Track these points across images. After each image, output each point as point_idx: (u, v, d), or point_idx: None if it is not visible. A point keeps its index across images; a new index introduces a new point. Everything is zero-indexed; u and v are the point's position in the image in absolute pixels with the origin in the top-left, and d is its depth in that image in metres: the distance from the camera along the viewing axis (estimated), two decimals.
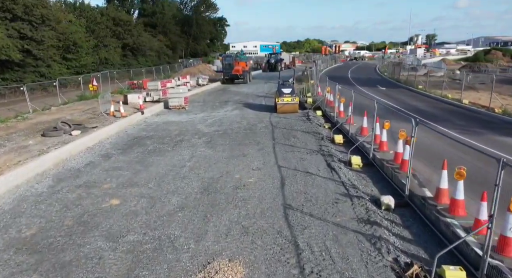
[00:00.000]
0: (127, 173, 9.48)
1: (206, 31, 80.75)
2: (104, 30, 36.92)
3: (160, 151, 11.63)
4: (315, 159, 10.25)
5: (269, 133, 13.74)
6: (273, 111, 18.45)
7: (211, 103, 22.24)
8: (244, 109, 19.59)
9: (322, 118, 16.45)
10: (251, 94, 26.03)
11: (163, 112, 19.39)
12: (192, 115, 18.14)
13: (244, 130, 14.32)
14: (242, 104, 21.38)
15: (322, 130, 13.97)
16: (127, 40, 41.46)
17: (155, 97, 21.76)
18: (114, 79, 30.46)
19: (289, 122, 15.62)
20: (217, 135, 13.57)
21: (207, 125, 15.60)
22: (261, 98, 24.03)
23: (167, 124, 16.08)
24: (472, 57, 72.65)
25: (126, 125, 15.49)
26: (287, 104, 17.80)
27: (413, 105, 19.45)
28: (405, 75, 37.74)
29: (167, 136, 13.63)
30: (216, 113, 18.52)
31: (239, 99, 23.62)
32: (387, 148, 10.32)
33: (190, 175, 9.22)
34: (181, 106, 20.02)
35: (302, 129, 14.14)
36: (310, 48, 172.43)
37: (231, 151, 11.35)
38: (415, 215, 6.79)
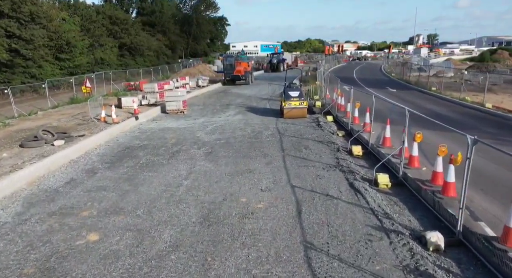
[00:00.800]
0: (113, 194, 8.00)
1: (206, 30, 79.38)
2: (99, 29, 35.44)
3: (153, 164, 10.15)
4: (334, 176, 8.76)
5: (277, 142, 12.25)
6: (279, 116, 16.98)
7: (211, 107, 20.76)
8: (248, 114, 18.11)
9: (334, 125, 14.96)
10: (254, 97, 24.54)
11: (160, 117, 17.90)
12: (191, 121, 16.66)
13: (248, 139, 12.84)
14: (245, 108, 19.89)
15: (336, 139, 12.48)
16: (124, 39, 39.98)
17: (151, 101, 20.28)
18: (109, 80, 29.01)
19: (298, 130, 14.13)
20: (219, 145, 12.08)
21: (207, 132, 14.12)
22: (265, 101, 22.55)
23: (163, 131, 14.60)
24: (477, 57, 71.23)
25: (118, 133, 14.01)
26: (294, 108, 16.32)
27: (431, 109, 17.96)
28: (413, 76, 36.31)
29: (162, 146, 12.15)
30: (217, 119, 17.04)
31: (241, 103, 22.13)
32: (419, 163, 8.84)
33: (187, 197, 7.74)
34: (179, 110, 18.54)
35: (314, 138, 12.66)
36: (311, 48, 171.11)
37: (235, 165, 9.87)
38: (475, 260, 5.30)
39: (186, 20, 78.75)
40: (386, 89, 27.11)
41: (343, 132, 13.35)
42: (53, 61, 28.29)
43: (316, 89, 23.76)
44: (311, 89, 23.13)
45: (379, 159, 10.00)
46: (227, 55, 34.72)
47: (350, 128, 13.45)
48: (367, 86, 28.62)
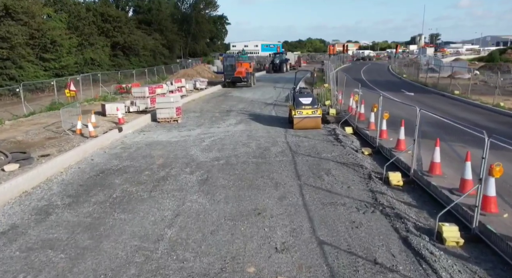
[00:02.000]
0: (62, 257, 5.54)
1: (206, 29, 76.99)
2: (89, 27, 32.95)
3: (130, 199, 7.69)
4: (376, 224, 6.30)
5: (289, 164, 9.80)
6: (287, 126, 14.55)
7: (210, 114, 18.28)
8: (251, 123, 15.65)
9: (356, 139, 12.48)
10: (258, 102, 22.07)
11: (149, 127, 15.42)
12: (185, 132, 14.20)
13: (254, 159, 10.38)
14: (247, 116, 17.43)
15: (363, 160, 10.02)
16: (117, 38, 37.46)
17: (141, 107, 17.82)
18: (99, 82, 26.55)
19: (313, 145, 11.67)
20: (217, 168, 9.63)
21: (203, 149, 11.66)
22: (270, 107, 20.08)
23: (150, 146, 12.13)
24: (486, 57, 68.85)
25: (94, 150, 11.54)
26: (307, 118, 13.86)
27: (464, 118, 15.47)
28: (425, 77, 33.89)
29: (146, 169, 9.70)
30: (215, 129, 14.58)
31: (243, 109, 19.66)
32: (496, 206, 6.37)
33: (167, 264, 5.28)
34: (172, 119, 16.09)
35: (335, 158, 10.20)
36: (312, 48, 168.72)
37: (237, 201, 7.42)
38: None
39: (184, 18, 76.33)
40: (402, 93, 24.64)
41: (369, 150, 10.87)
42: (36, 62, 25.83)
43: (326, 93, 21.31)
44: (322, 93, 20.66)
45: (426, 191, 7.56)
46: (228, 55, 32.23)
47: (377, 145, 10.98)
48: (381, 89, 26.12)
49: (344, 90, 23.22)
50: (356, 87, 21.25)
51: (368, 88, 26.82)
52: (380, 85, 29.02)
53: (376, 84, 30.48)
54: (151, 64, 43.95)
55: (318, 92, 22.72)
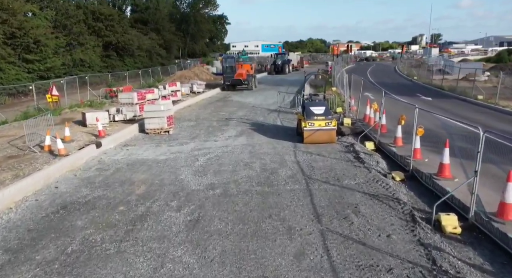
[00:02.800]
0: None
1: (205, 29, 74.94)
2: (79, 26, 30.80)
3: (89, 257, 5.59)
4: None
5: (303, 195, 7.70)
6: (296, 139, 12.47)
7: (206, 123, 16.16)
8: (254, 135, 13.54)
9: (380, 158, 10.34)
10: (260, 108, 19.96)
11: (135, 140, 13.30)
12: (177, 147, 12.09)
13: (258, 187, 8.28)
14: (249, 125, 15.33)
15: (397, 189, 7.91)
16: (110, 37, 35.31)
17: (128, 115, 15.74)
18: (87, 85, 24.46)
19: (330, 167, 9.56)
20: (212, 202, 7.54)
21: (196, 171, 9.56)
22: (274, 114, 17.97)
23: (132, 167, 10.03)
24: (494, 58, 66.80)
25: (62, 173, 9.43)
26: (319, 130, 11.77)
27: (504, 130, 13.32)
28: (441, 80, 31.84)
29: (121, 203, 7.60)
30: (212, 143, 12.47)
31: (244, 116, 17.55)
32: None
33: None
34: (162, 129, 13.98)
35: (361, 187, 8.09)
36: (312, 48, 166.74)
37: (237, 262, 5.32)
38: None
39: (183, 18, 74.33)
40: (418, 97, 22.52)
41: (401, 175, 8.74)
42: (18, 63, 23.73)
43: (337, 98, 19.20)
44: (331, 99, 18.54)
45: (498, 244, 5.47)
46: (227, 56, 30.11)
47: (411, 168, 8.85)
48: (394, 93, 24.01)
49: (353, 94, 21.19)
50: (367, 90, 19.27)
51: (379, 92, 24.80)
52: (392, 89, 26.87)
53: (386, 87, 28.26)
54: (147, 65, 41.85)
55: (327, 98, 20.66)
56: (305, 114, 12.05)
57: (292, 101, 20.64)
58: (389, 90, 25.59)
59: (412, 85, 31.13)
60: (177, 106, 19.83)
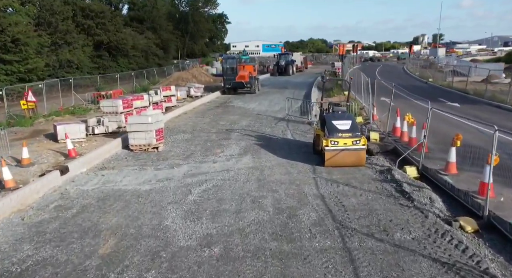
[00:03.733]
0: None
1: (204, 29, 72.51)
2: (65, 23, 28.28)
3: None
4: None
5: (340, 262, 5.28)
6: (313, 159, 10.09)
7: (204, 136, 13.69)
8: (261, 153, 11.08)
9: (430, 190, 7.85)
10: (266, 116, 17.50)
11: (115, 162, 10.82)
12: (165, 171, 9.63)
13: (273, 242, 5.85)
14: (254, 139, 12.87)
15: (477, 252, 5.45)
16: (101, 36, 32.79)
17: (111, 127, 13.30)
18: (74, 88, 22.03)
19: (368, 207, 7.09)
20: (206, 272, 5.09)
21: (187, 211, 7.11)
22: (283, 123, 15.52)
23: (103, 205, 7.57)
24: (504, 58, 64.37)
25: (4, 216, 6.96)
26: (345, 151, 9.32)
27: None
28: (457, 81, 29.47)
29: (72, 274, 5.15)
30: (210, 165, 10.01)
31: (248, 127, 15.09)
32: None
33: None
34: (150, 146, 11.53)
35: (424, 249, 5.62)
36: (313, 48, 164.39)
37: None
38: None
39: (182, 17, 71.91)
40: (442, 102, 20.05)
41: (473, 223, 6.26)
42: None
43: (356, 106, 16.73)
44: (353, 106, 16.06)
45: None
46: (228, 57, 27.62)
47: (488, 213, 6.38)
48: (412, 97, 21.59)
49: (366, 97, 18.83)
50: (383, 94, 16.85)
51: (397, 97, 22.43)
52: (408, 92, 24.40)
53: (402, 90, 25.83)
54: (143, 66, 39.41)
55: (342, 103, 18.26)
56: (326, 130, 9.60)
57: (301, 108, 18.15)
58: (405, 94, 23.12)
59: (429, 88, 28.65)
60: (171, 114, 17.38)
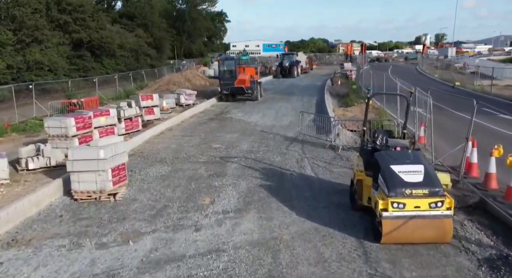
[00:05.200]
0: None
1: (202, 27, 68.55)
2: (34, 17, 24.31)
3: None
4: None
5: None
6: (355, 221, 6.20)
7: (188, 170, 9.74)
8: (272, 210, 7.16)
9: None
10: (273, 134, 13.60)
11: (39, 226, 6.84)
12: (112, 253, 5.72)
13: None
14: (260, 177, 8.98)
15: None
16: (80, 34, 28.79)
17: (55, 158, 9.38)
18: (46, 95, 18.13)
19: None
20: None
21: None
22: (297, 148, 11.60)
23: None
24: None
25: None
26: (418, 219, 5.45)
27: None
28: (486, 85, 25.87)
29: None
30: (188, 239, 6.09)
31: (251, 152, 11.17)
32: None
33: None
34: (102, 192, 7.62)
35: None
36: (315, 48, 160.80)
37: None
38: None
39: (179, 15, 67.97)
40: (491, 115, 16.15)
41: None
42: None
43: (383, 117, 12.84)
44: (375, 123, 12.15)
45: None
46: (226, 57, 23.64)
47: None
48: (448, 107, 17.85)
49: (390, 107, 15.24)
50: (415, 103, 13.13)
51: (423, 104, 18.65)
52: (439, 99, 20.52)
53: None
54: (132, 68, 35.52)
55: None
56: (383, 182, 5.73)
57: (316, 121, 14.14)
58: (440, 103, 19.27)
59: (458, 92, 24.73)
60: (150, 132, 13.46)
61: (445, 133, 12.33)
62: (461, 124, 14.14)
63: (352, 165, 9.77)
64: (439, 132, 11.29)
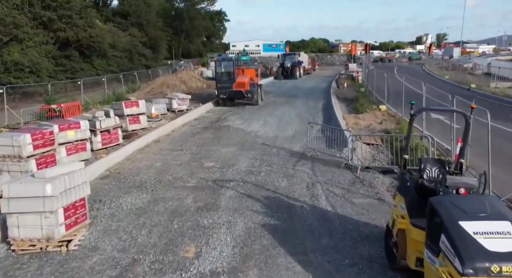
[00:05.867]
0: None
1: (201, 26, 66.58)
2: (13, 14, 22.26)
3: None
4: None
5: None
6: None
7: (172, 201, 7.77)
8: (280, 270, 5.19)
9: None
10: (276, 148, 11.61)
11: None
12: None
13: None
14: (262, 212, 7.01)
15: None
16: (66, 32, 26.73)
17: None
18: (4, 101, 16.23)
19: None
20: None
21: None
22: (305, 166, 9.61)
23: None
24: None
25: None
26: None
27: None
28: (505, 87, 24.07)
29: None
30: None
31: (250, 174, 9.19)
32: None
33: None
34: (50, 241, 5.65)
35: None
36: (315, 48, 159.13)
37: None
38: None
39: (177, 14, 66.01)
40: None
41: None
42: None
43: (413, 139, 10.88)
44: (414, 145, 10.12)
45: None
46: (223, 58, 21.60)
47: None
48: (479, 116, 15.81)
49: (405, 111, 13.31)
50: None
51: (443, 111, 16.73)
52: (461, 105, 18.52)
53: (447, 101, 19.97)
54: (126, 69, 33.56)
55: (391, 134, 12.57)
56: (451, 247, 3.75)
57: (325, 132, 12.16)
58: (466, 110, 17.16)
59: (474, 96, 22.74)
60: (133, 145, 11.49)
61: (486, 152, 10.33)
62: (505, 140, 12.14)
63: (377, 193, 7.83)
64: (479, 152, 9.28)
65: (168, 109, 17.67)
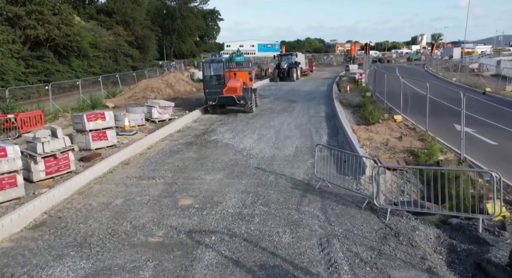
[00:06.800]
0: None
1: (194, 25, 64.12)
2: None
3: None
4: None
5: None
6: None
7: (124, 269, 5.32)
8: None
9: None
10: (274, 174, 9.13)
11: None
12: None
13: None
14: None
15: None
16: (36, 30, 24.01)
17: None
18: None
19: None
20: None
21: None
22: (314, 207, 7.15)
23: None
24: None
25: None
26: None
27: None
28: None
29: None
30: None
31: (240, 220, 6.72)
32: None
33: None
34: None
35: None
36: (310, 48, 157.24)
37: None
38: None
39: (169, 12, 63.52)
40: None
41: None
42: None
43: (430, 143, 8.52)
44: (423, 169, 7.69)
45: None
46: (212, 60, 18.93)
47: None
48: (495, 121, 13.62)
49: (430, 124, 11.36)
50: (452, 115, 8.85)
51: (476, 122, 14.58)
52: (482, 113, 16.28)
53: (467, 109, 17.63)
54: (109, 71, 30.98)
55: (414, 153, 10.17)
56: None
57: (334, 153, 9.68)
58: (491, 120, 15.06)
59: (495, 101, 20.49)
60: (88, 174, 8.93)
61: None
62: None
63: (423, 258, 5.41)
64: None
65: (147, 119, 15.18)
